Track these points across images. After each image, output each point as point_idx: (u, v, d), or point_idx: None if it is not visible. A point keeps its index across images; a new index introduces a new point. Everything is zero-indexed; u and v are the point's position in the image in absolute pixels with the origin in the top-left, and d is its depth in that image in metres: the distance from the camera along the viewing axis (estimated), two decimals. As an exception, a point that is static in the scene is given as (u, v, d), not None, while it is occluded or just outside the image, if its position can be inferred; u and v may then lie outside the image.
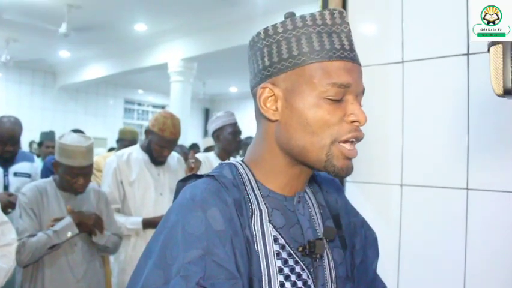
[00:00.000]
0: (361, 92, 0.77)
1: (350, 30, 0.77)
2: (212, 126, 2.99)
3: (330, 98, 0.73)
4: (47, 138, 4.85)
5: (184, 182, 0.82)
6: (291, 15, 0.78)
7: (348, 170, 0.76)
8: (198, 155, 2.99)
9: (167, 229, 0.71)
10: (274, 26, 0.77)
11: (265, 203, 0.78)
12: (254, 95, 0.80)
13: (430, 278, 1.43)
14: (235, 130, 2.93)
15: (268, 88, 0.77)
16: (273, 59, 0.76)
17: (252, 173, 0.81)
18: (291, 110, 0.75)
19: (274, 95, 0.77)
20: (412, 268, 1.48)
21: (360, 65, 0.78)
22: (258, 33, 0.79)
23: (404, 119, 1.53)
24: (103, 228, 2.14)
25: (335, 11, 0.76)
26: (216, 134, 2.95)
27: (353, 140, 0.75)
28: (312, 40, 0.74)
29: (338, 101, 0.74)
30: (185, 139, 8.19)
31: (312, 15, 0.75)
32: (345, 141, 0.74)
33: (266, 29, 0.78)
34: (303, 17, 0.76)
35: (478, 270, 1.34)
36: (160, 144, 2.55)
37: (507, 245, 1.30)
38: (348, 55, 0.75)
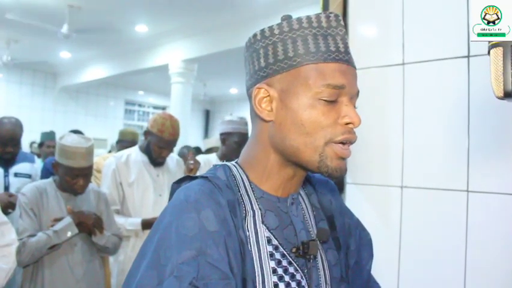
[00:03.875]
0: (355, 94, 0.77)
1: (345, 33, 0.77)
2: (222, 127, 2.92)
3: (324, 99, 0.73)
4: (48, 138, 4.86)
5: (178, 183, 0.83)
6: (287, 18, 0.78)
7: (342, 171, 0.76)
8: (198, 157, 2.99)
9: (161, 230, 0.71)
10: (271, 28, 0.78)
11: (258, 204, 0.78)
12: (249, 96, 0.81)
13: (430, 280, 1.43)
14: (242, 141, 2.83)
15: (263, 89, 0.78)
16: (268, 60, 0.77)
17: (245, 174, 0.81)
18: (286, 110, 0.76)
19: (269, 95, 0.77)
20: (412, 270, 1.48)
21: (355, 67, 0.78)
22: (255, 35, 0.80)
23: (405, 121, 1.53)
24: (102, 229, 2.14)
25: (331, 14, 0.77)
26: (223, 137, 2.89)
27: (346, 141, 0.75)
28: (308, 42, 0.74)
29: (332, 103, 0.74)
30: (186, 140, 8.18)
31: (308, 17, 0.76)
32: (338, 143, 0.75)
33: (262, 31, 0.78)
34: (299, 20, 0.76)
35: (478, 273, 1.34)
36: (159, 145, 2.56)
37: (507, 247, 1.30)
38: (343, 57, 0.75)
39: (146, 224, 2.50)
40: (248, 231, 0.75)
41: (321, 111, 0.74)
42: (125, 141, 4.13)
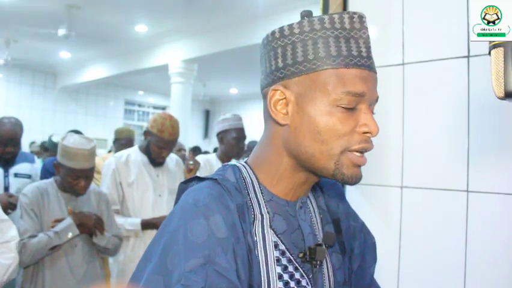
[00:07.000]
0: (375, 100, 0.75)
1: (368, 36, 0.74)
2: (218, 127, 2.94)
3: (343, 106, 0.71)
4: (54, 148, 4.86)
5: (186, 184, 0.81)
6: (307, 14, 0.75)
7: (357, 178, 0.74)
8: (198, 157, 2.99)
9: (169, 234, 0.70)
10: (291, 26, 0.74)
11: (267, 208, 0.77)
12: (264, 96, 0.78)
13: (430, 279, 1.43)
14: (240, 136, 2.87)
15: (279, 91, 0.75)
16: (286, 60, 0.73)
17: (255, 176, 0.79)
18: (302, 115, 0.73)
19: (285, 98, 0.74)
20: (412, 270, 1.48)
21: (376, 72, 0.75)
22: (273, 32, 0.76)
23: (405, 121, 1.53)
24: (103, 229, 2.14)
25: (355, 15, 0.73)
26: (220, 136, 2.91)
27: (362, 150, 0.73)
28: (329, 44, 0.71)
29: (350, 110, 0.72)
30: (186, 140, 8.18)
31: (331, 17, 0.72)
32: (354, 151, 0.73)
33: (282, 29, 0.75)
34: (321, 19, 0.72)
35: (478, 273, 1.34)
36: (158, 145, 2.56)
37: (507, 247, 1.30)
38: (365, 63, 0.73)
39: (146, 224, 2.50)
40: (256, 236, 0.74)
41: (339, 119, 0.71)
42: (122, 140, 4.12)
